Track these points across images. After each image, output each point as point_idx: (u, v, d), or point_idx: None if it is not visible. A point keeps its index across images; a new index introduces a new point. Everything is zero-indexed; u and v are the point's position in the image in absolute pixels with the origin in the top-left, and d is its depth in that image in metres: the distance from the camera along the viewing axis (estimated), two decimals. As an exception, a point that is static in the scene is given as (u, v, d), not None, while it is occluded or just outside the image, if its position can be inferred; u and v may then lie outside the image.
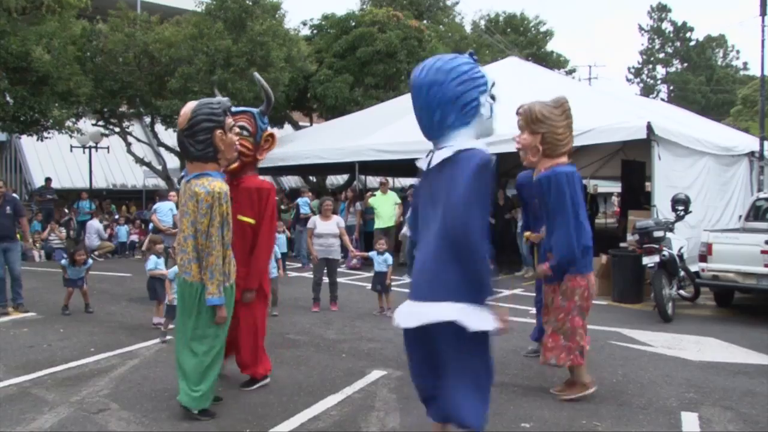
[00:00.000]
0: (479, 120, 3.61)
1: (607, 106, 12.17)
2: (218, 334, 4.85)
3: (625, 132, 10.27)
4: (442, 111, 3.55)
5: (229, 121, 4.87)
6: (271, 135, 5.59)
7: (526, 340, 6.64)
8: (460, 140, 3.54)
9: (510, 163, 15.21)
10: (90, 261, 9.25)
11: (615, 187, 22.51)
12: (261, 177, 5.80)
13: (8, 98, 16.05)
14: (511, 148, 7.28)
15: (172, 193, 11.32)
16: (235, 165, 5.31)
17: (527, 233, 6.73)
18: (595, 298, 5.49)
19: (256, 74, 6.12)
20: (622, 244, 10.54)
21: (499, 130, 6.75)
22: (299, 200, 15.12)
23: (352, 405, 5.06)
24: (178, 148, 18.72)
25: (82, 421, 4.71)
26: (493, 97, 3.67)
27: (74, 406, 5.02)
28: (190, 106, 4.84)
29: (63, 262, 9.04)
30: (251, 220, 5.37)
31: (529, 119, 5.11)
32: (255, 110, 5.55)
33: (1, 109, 15.89)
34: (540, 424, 4.66)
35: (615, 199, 21.86)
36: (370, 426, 4.58)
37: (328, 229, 8.69)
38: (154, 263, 8.06)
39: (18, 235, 9.28)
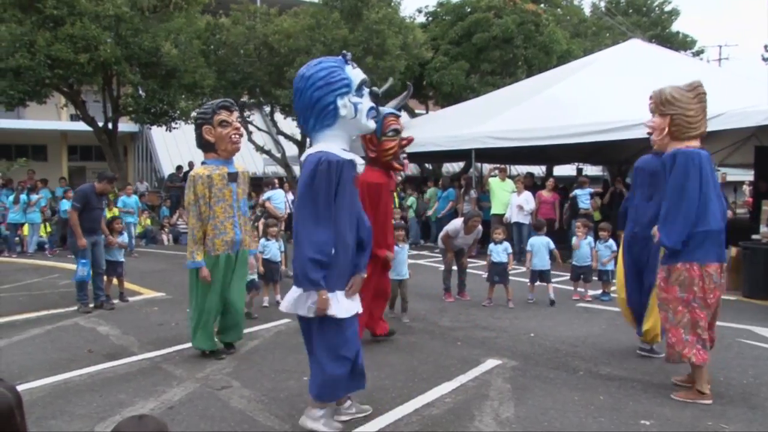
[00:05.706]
0: (343, 121, 3.94)
1: (739, 89, 11.45)
2: (204, 292, 5.96)
3: (759, 116, 9.61)
4: (303, 116, 4.04)
5: (218, 117, 5.83)
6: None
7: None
8: (322, 142, 3.96)
9: (632, 149, 14.66)
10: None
11: (747, 176, 21.09)
12: None
13: (141, 92, 17.09)
14: (627, 135, 6.96)
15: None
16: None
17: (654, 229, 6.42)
18: (724, 292, 5.19)
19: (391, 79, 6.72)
20: (754, 236, 9.84)
21: (617, 117, 6.47)
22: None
23: (466, 393, 5.04)
24: (297, 137, 19.17)
25: (207, 396, 4.96)
26: (362, 95, 3.97)
27: (200, 382, 5.30)
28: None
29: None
30: None
31: (659, 101, 5.09)
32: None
33: (134, 102, 16.96)
34: (661, 423, 4.45)
35: (746, 188, 20.47)
36: (483, 415, 4.55)
37: (467, 241, 8.82)
38: (262, 246, 8.34)
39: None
